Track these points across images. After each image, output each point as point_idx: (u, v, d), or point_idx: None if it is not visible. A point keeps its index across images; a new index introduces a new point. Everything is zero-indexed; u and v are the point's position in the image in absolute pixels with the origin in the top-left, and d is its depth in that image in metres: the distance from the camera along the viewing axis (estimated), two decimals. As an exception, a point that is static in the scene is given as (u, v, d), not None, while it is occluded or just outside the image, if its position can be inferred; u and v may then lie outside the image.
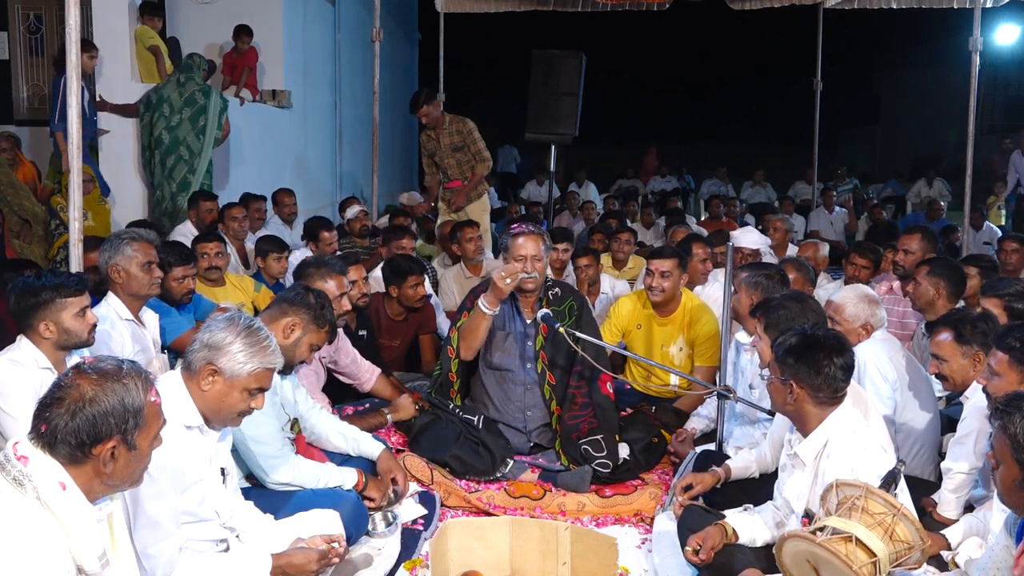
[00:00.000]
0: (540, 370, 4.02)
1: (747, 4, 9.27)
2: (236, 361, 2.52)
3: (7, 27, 8.61)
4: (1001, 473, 2.13)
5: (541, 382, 4.03)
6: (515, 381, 4.06)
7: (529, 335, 4.04)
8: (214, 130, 6.89)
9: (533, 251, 3.92)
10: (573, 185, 14.07)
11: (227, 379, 2.52)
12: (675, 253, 4.70)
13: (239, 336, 2.53)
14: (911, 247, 5.23)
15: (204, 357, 2.53)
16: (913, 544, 2.24)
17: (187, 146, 6.85)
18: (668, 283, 4.59)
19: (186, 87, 6.87)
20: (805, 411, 2.71)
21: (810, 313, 3.34)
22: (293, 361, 3.30)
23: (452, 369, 4.05)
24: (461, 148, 7.20)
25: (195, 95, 6.84)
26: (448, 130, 7.18)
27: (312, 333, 3.29)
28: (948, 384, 3.32)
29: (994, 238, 9.74)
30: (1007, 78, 20.86)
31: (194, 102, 6.84)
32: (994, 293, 3.91)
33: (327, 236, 6.15)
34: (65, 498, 1.85)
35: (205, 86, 6.99)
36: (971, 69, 7.33)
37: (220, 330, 2.55)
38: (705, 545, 2.82)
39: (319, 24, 10.70)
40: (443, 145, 7.22)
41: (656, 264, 4.60)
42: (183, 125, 6.80)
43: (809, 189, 12.24)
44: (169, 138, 6.83)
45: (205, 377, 2.52)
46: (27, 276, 3.26)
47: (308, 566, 2.63)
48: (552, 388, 4.01)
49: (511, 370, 4.06)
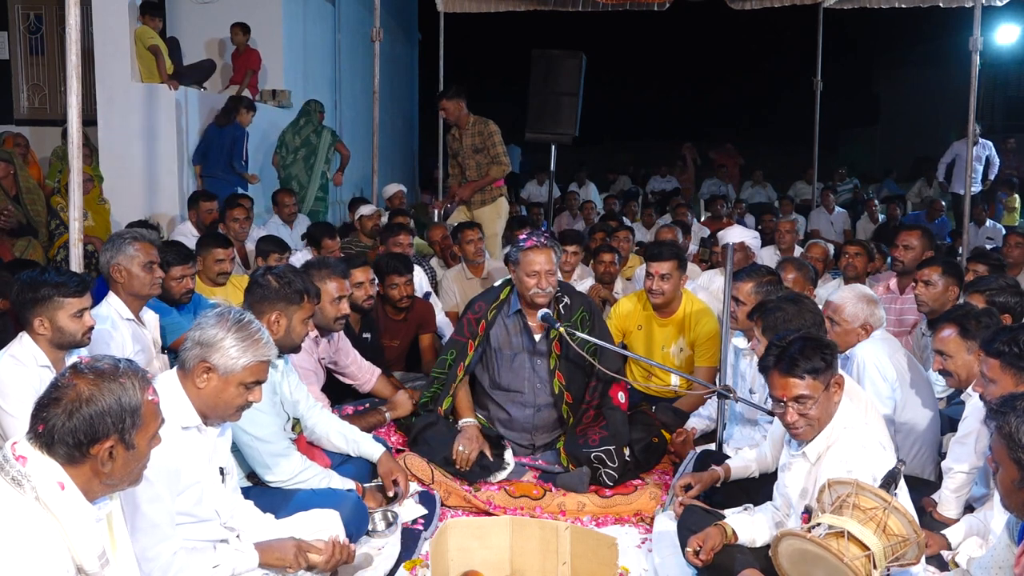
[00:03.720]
0: (557, 391, 3.89)
1: (747, 4, 9.26)
2: (229, 356, 2.51)
3: (7, 27, 8.62)
4: (1000, 475, 2.13)
5: (557, 403, 3.91)
6: (524, 403, 3.95)
7: (540, 353, 3.91)
8: (321, 164, 8.40)
9: (546, 265, 3.77)
10: (573, 185, 14.06)
11: (222, 375, 2.52)
12: (673, 254, 4.61)
13: (230, 331, 2.53)
14: (911, 243, 5.25)
15: (197, 355, 2.52)
16: (907, 537, 2.23)
17: (298, 181, 8.30)
18: (668, 285, 4.57)
19: (303, 131, 8.27)
20: (832, 409, 2.72)
21: (807, 314, 3.33)
22: (296, 344, 3.30)
23: (457, 382, 3.94)
24: (481, 150, 7.17)
25: (310, 137, 8.31)
26: (471, 131, 7.16)
27: (296, 312, 3.26)
28: (952, 381, 3.30)
29: (997, 236, 9.74)
30: (1007, 78, 20.84)
31: (309, 143, 8.29)
32: (976, 289, 3.93)
33: (330, 244, 6.14)
34: (64, 498, 1.85)
35: (320, 127, 8.35)
36: (971, 69, 7.32)
37: (211, 327, 2.54)
38: (705, 546, 2.82)
39: (319, 24, 10.71)
40: (465, 146, 7.20)
41: (656, 267, 4.57)
42: (296, 164, 8.29)
43: (809, 189, 12.24)
44: (284, 175, 8.35)
45: (200, 375, 2.52)
46: (31, 271, 3.26)
47: (286, 555, 2.65)
48: (570, 407, 3.89)
49: (521, 391, 3.95)
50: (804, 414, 2.66)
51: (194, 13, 9.13)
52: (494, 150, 7.14)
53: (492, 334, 3.97)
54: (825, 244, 6.80)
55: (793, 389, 2.65)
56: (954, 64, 10.81)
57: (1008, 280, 4.04)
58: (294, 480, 3.18)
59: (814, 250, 6.51)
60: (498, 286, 4.11)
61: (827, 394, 2.68)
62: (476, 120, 7.21)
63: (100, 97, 7.22)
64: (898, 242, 5.35)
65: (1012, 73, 20.65)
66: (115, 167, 7.24)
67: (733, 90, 21.80)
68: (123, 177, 7.27)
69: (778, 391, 2.69)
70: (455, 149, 7.31)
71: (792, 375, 2.65)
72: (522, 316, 3.92)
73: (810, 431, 2.70)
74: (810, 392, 2.64)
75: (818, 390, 2.65)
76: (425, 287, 5.88)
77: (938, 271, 4.35)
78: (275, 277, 3.30)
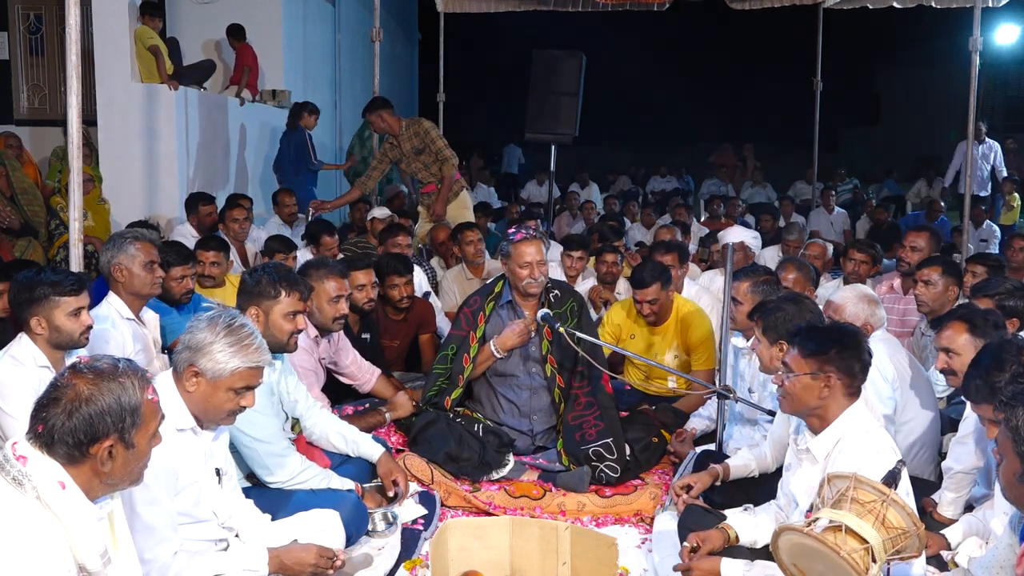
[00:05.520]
0: (549, 374, 4.00)
1: (747, 4, 9.26)
2: (217, 361, 2.49)
3: (7, 27, 8.62)
4: (1004, 468, 2.12)
5: (550, 386, 4.02)
6: (520, 386, 4.05)
7: (532, 339, 4.03)
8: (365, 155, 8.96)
9: (536, 255, 3.91)
10: (574, 185, 14.06)
11: (210, 380, 2.50)
12: (655, 277, 4.52)
13: (219, 336, 2.51)
14: (919, 244, 5.24)
15: (186, 359, 2.51)
16: (907, 530, 2.22)
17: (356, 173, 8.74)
18: (657, 305, 4.56)
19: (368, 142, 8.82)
20: (832, 405, 2.67)
21: (807, 313, 3.33)
22: (283, 341, 3.27)
23: (464, 373, 4.01)
24: (423, 150, 7.08)
25: (367, 141, 8.91)
26: (406, 135, 7.09)
27: (272, 306, 3.24)
28: (955, 380, 3.28)
29: (991, 236, 9.76)
30: (1007, 78, 20.83)
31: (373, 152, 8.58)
32: (985, 293, 3.91)
33: (328, 241, 6.14)
34: (65, 497, 1.85)
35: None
36: (971, 69, 7.32)
37: (200, 330, 2.52)
38: (703, 548, 2.81)
39: (319, 24, 10.71)
40: (405, 151, 7.13)
41: (640, 294, 4.53)
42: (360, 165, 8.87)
43: (809, 189, 12.24)
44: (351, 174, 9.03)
45: (189, 379, 2.51)
46: (28, 271, 3.26)
47: (306, 560, 2.64)
48: (562, 391, 4.00)
49: (516, 375, 4.05)
50: (782, 383, 2.73)
51: (194, 13, 9.14)
52: (435, 146, 7.05)
53: (488, 325, 4.06)
54: (823, 243, 6.80)
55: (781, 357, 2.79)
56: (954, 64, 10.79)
57: (1015, 283, 4.02)
58: (294, 481, 3.18)
59: (812, 249, 6.51)
60: (491, 282, 4.23)
61: (816, 381, 2.64)
62: (409, 123, 7.16)
63: (100, 97, 7.21)
64: (905, 243, 5.35)
65: (1012, 73, 20.65)
66: (115, 167, 7.24)
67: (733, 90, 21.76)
68: (123, 177, 7.27)
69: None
70: (395, 157, 7.24)
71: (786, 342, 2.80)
72: (514, 305, 4.04)
73: (787, 406, 2.75)
74: (792, 364, 2.69)
75: (802, 368, 2.66)
76: (425, 287, 5.88)
77: (938, 271, 4.35)
78: (250, 273, 3.32)
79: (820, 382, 2.64)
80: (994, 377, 2.69)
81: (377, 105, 7.26)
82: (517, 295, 4.04)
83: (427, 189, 7.29)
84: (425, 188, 7.30)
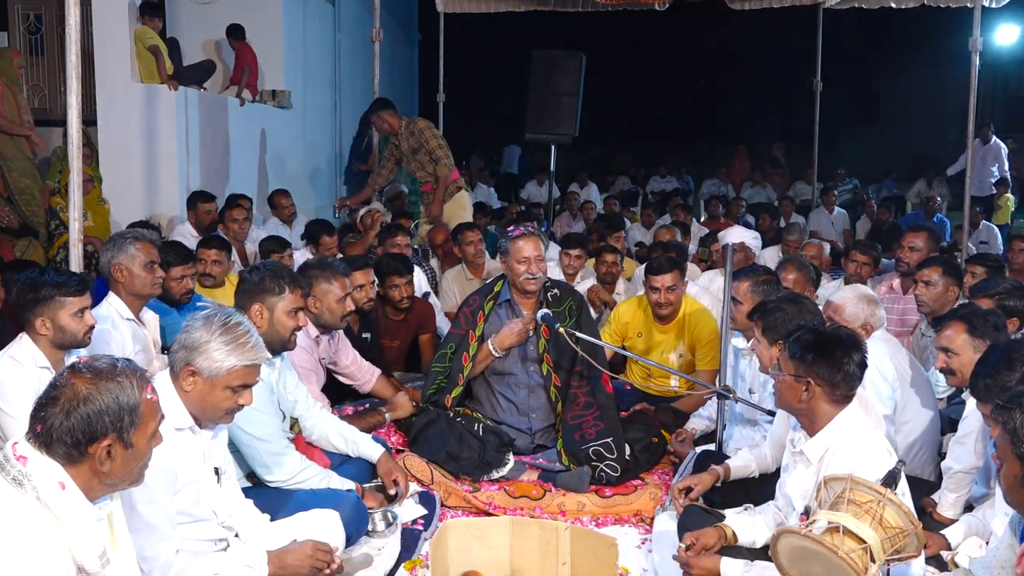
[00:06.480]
0: (545, 372, 4.01)
1: (747, 4, 9.26)
2: (214, 360, 2.49)
3: (7, 27, 8.60)
4: (1004, 471, 2.12)
5: (547, 384, 4.03)
6: (518, 384, 4.06)
7: (531, 338, 4.03)
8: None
9: (535, 252, 3.93)
10: (574, 186, 14.06)
11: (206, 379, 2.50)
12: (674, 264, 4.59)
13: (215, 335, 2.50)
14: (917, 244, 5.24)
15: (183, 358, 2.51)
16: (904, 529, 2.22)
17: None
18: (675, 295, 4.58)
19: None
20: (817, 409, 2.67)
21: (807, 314, 3.33)
22: (284, 338, 3.27)
23: (464, 372, 4.03)
24: (418, 150, 7.14)
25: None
26: (404, 134, 7.15)
27: (277, 302, 3.24)
28: (954, 379, 3.29)
29: (991, 237, 9.76)
30: (1007, 78, 20.82)
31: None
32: (985, 293, 3.91)
33: (328, 240, 6.14)
34: (65, 497, 1.85)
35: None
36: (971, 69, 7.32)
37: (196, 329, 2.52)
38: (698, 544, 2.81)
39: (319, 24, 10.71)
40: (404, 151, 7.20)
41: (659, 280, 4.55)
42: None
43: (809, 189, 12.24)
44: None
45: (186, 378, 2.50)
46: (31, 271, 3.27)
47: (304, 554, 2.64)
48: (558, 390, 4.01)
49: (513, 373, 4.06)
50: (775, 379, 2.77)
51: (194, 13, 9.13)
52: (429, 146, 7.09)
53: (487, 324, 4.07)
54: (819, 243, 6.80)
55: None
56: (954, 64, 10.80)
57: (1014, 282, 4.03)
58: (293, 480, 3.18)
59: (809, 249, 6.51)
60: (491, 282, 4.25)
61: (798, 384, 2.66)
62: (407, 122, 7.21)
63: (100, 97, 7.21)
64: (904, 243, 5.35)
65: (1012, 73, 20.64)
66: (115, 167, 7.23)
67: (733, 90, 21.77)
68: (123, 177, 7.26)
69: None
70: (398, 156, 7.31)
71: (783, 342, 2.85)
72: (512, 304, 4.05)
73: (778, 401, 2.80)
74: (782, 362, 2.74)
75: (788, 368, 2.69)
76: (424, 287, 5.88)
77: (938, 271, 4.35)
78: (252, 271, 3.32)
79: (801, 385, 2.66)
80: (1004, 377, 2.70)
81: (377, 107, 7.29)
82: (516, 294, 4.05)
83: (425, 188, 7.32)
84: (423, 188, 7.33)
